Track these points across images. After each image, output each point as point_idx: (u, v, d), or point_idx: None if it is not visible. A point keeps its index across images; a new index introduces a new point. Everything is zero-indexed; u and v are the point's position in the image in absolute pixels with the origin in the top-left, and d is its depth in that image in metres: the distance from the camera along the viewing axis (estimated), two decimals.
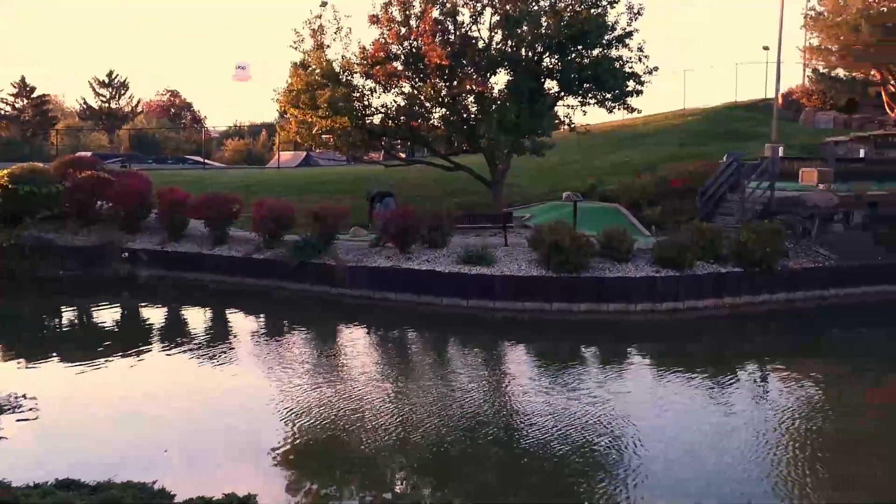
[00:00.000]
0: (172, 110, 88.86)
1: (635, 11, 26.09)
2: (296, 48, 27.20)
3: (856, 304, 22.28)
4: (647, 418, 12.32)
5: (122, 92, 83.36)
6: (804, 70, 46.98)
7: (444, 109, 26.58)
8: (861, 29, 38.09)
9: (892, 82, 42.09)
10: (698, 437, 11.56)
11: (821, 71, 44.38)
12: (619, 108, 27.06)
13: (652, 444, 11.20)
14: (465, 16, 25.82)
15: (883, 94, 42.33)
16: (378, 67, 25.80)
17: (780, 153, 31.76)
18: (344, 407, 12.53)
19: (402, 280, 20.97)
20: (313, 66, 26.53)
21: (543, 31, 25.66)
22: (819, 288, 22.43)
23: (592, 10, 25.72)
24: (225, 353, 16.11)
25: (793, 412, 12.92)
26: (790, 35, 75.86)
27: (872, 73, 42.48)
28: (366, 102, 26.77)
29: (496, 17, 25.76)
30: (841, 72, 44.07)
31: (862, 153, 33.85)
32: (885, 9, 39.08)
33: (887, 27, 37.89)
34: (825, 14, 42.11)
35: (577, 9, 25.73)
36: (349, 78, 26.48)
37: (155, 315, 20.65)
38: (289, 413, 12.29)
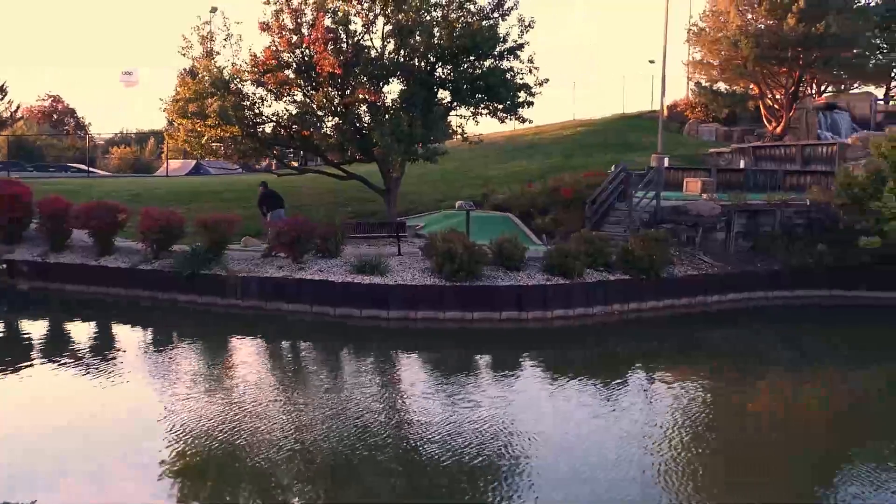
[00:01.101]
0: (55, 116, 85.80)
1: (526, 24, 26.49)
2: (184, 55, 26.66)
3: (737, 310, 23.12)
4: (537, 424, 12.47)
5: (0, 97, 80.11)
6: (688, 83, 48.60)
7: (336, 118, 26.45)
8: (740, 45, 39.67)
9: (770, 96, 43.91)
10: (585, 441, 11.79)
11: (703, 84, 45.98)
12: (510, 119, 27.48)
13: (542, 449, 11.37)
14: (357, 25, 25.75)
15: (761, 107, 44.13)
16: (269, 75, 25.50)
17: (666, 163, 32.83)
18: (236, 420, 12.31)
19: (294, 290, 20.74)
20: (202, 74, 26.04)
21: (436, 42, 25.81)
22: (702, 294, 23.20)
23: (484, 22, 26.01)
24: (111, 367, 15.61)
25: (676, 415, 13.31)
26: (675, 49, 78.83)
27: (751, 87, 44.25)
28: (257, 111, 26.39)
29: (389, 27, 25.79)
30: (722, 85, 45.78)
31: (742, 164, 35.20)
32: (763, 26, 40.80)
33: (764, 43, 39.54)
34: (707, 30, 43.73)
35: (469, 20, 25.98)
36: (239, 86, 26.09)
37: (36, 329, 19.84)
38: (178, 427, 11.99)
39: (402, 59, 25.88)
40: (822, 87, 48.34)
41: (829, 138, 39.12)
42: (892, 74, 50.61)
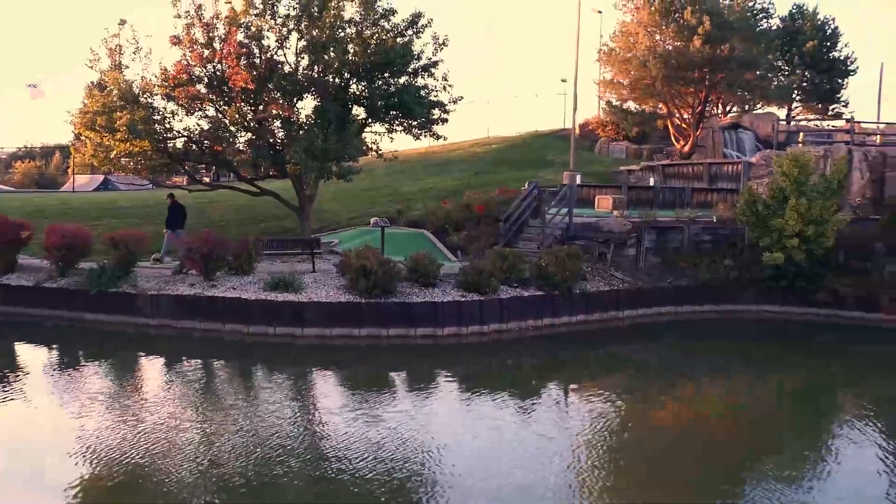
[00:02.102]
0: None
1: (440, 42, 26.67)
2: (92, 68, 26.03)
3: (648, 325, 23.60)
4: (448, 439, 12.52)
5: None
6: (599, 102, 49.57)
7: (249, 134, 26.14)
8: (649, 65, 40.63)
9: (678, 115, 45.05)
10: (497, 453, 11.86)
11: (614, 103, 46.92)
12: (425, 136, 27.59)
13: (454, 465, 11.39)
14: (270, 40, 25.55)
15: (670, 126, 45.22)
16: (180, 89, 25.04)
17: (578, 181, 33.33)
18: (145, 441, 12.00)
19: (206, 308, 20.35)
20: (111, 87, 25.46)
21: (350, 58, 25.79)
22: (614, 309, 23.61)
23: (399, 39, 26.09)
24: (13, 388, 15.07)
25: (587, 426, 13.50)
26: (587, 69, 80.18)
27: (660, 106, 45.34)
28: (167, 125, 25.90)
29: (303, 42, 25.65)
30: (632, 104, 46.76)
31: (652, 181, 35.97)
32: (671, 47, 41.87)
33: (672, 64, 40.59)
34: (617, 50, 44.64)
35: (384, 37, 26.03)
36: (149, 100, 25.58)
37: None
38: (83, 450, 11.63)
39: (316, 75, 25.77)
40: (728, 107, 49.81)
41: (734, 157, 40.33)
42: (793, 95, 52.51)
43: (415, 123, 26.99)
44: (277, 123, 25.76)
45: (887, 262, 24.96)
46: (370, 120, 27.12)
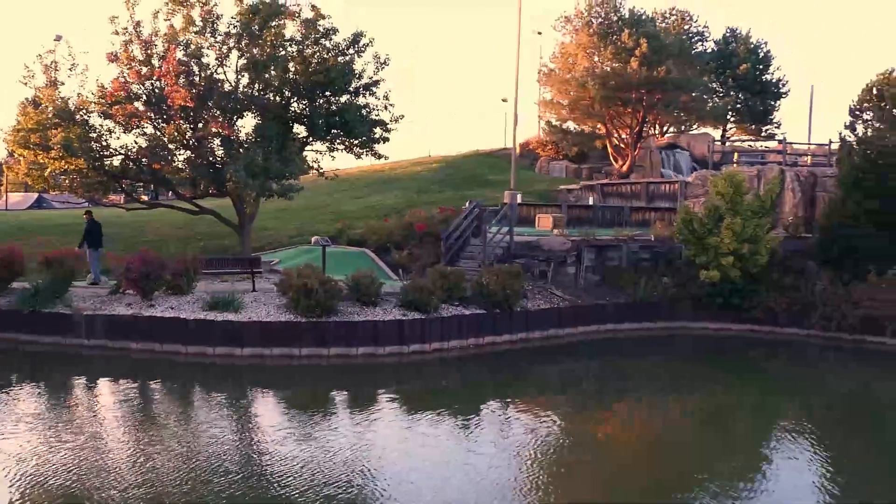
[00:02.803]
0: None
1: (382, 61, 26.78)
2: (26, 84, 25.57)
3: (588, 342, 23.84)
4: (389, 459, 12.49)
5: None
6: (539, 122, 50.06)
7: (189, 152, 25.90)
8: (588, 86, 41.22)
9: (616, 135, 45.73)
10: (434, 472, 11.86)
11: (554, 123, 47.45)
12: (366, 154, 27.62)
13: (394, 483, 11.37)
14: (210, 58, 25.42)
15: (608, 146, 45.87)
16: (117, 107, 24.73)
17: (519, 200, 33.64)
18: (73, 464, 11.73)
19: (144, 328, 20.01)
20: (45, 104, 25.03)
21: (291, 77, 25.76)
22: (554, 327, 23.81)
23: (340, 58, 26.14)
24: None
25: (530, 442, 13.58)
26: (528, 89, 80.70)
27: (599, 126, 45.97)
28: (104, 143, 25.54)
29: (243, 61, 25.55)
30: (572, 124, 47.35)
31: (591, 200, 36.44)
32: (609, 69, 42.55)
33: (610, 85, 41.24)
34: (557, 71, 45.21)
35: (325, 56, 26.07)
36: (86, 117, 25.21)
37: None
38: (19, 475, 11.34)
39: (256, 93, 25.68)
40: (665, 128, 50.72)
41: (671, 176, 41.06)
42: (728, 116, 53.68)
43: (356, 142, 27.04)
44: (217, 142, 25.58)
45: (818, 280, 25.57)
46: (311, 138, 27.08)
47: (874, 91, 30.77)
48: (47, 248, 24.26)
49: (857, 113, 31.21)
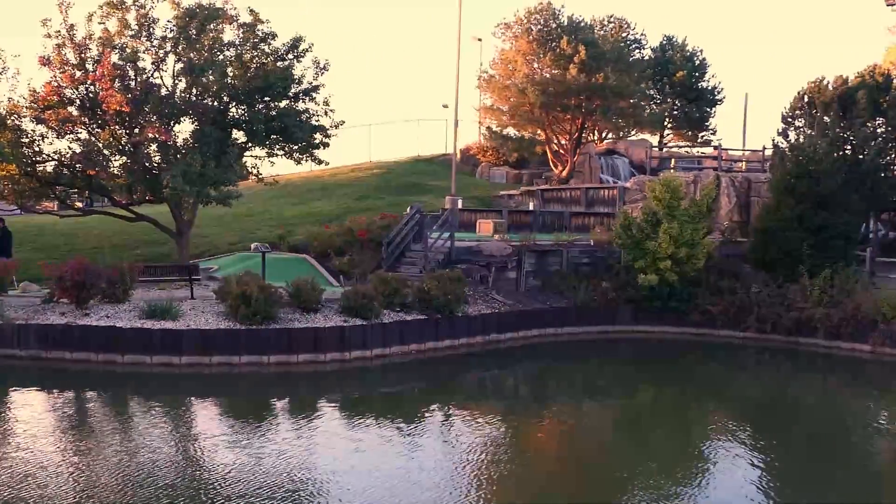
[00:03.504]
0: None
1: (321, 66, 26.65)
2: None
3: (529, 346, 24.00)
4: (329, 466, 12.41)
5: None
6: (479, 128, 50.17)
7: (124, 157, 25.44)
8: (527, 92, 41.47)
9: (556, 141, 46.10)
10: (378, 479, 11.83)
11: (494, 129, 47.62)
12: (306, 160, 27.46)
13: (336, 491, 11.30)
14: (146, 62, 25.04)
15: (548, 151, 46.21)
16: (50, 112, 24.21)
17: (460, 205, 33.72)
18: (14, 477, 11.44)
19: (78, 338, 19.55)
20: None
21: (230, 81, 25.50)
22: (495, 332, 23.91)
23: (279, 63, 25.96)
24: None
25: (469, 447, 13.62)
26: (468, 95, 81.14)
27: (539, 132, 46.29)
28: (37, 148, 24.99)
29: (180, 65, 25.22)
30: (512, 130, 47.58)
31: (531, 206, 36.67)
32: (548, 75, 42.90)
33: (550, 91, 41.57)
34: (497, 77, 45.42)
35: (264, 60, 25.86)
36: (17, 122, 24.63)
37: None
38: None
39: (194, 98, 25.36)
40: (604, 134, 51.20)
41: (610, 182, 41.46)
42: (665, 123, 54.43)
43: (296, 148, 26.84)
44: (154, 147, 25.17)
45: (753, 283, 26.06)
46: (250, 144, 26.81)
47: (805, 99, 31.46)
48: None
49: (789, 120, 31.89)
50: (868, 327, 23.31)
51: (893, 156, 30.57)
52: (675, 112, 54.62)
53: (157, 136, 24.16)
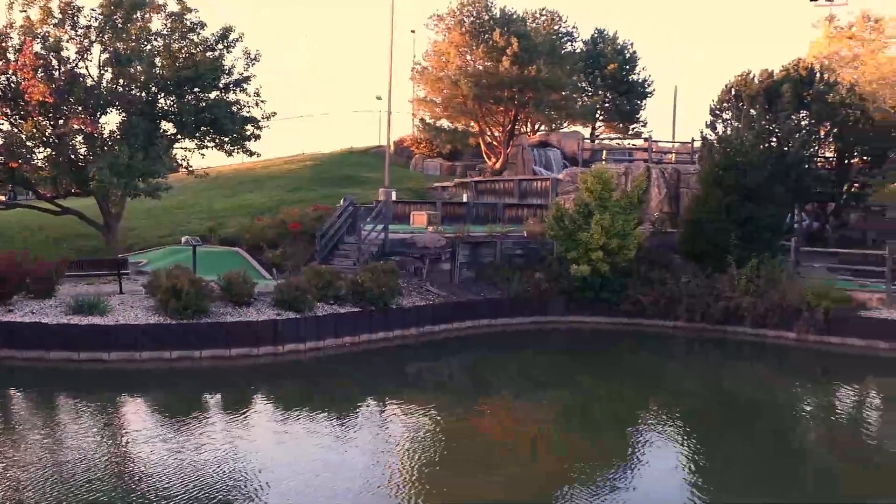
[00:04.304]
0: None
1: (252, 57, 26.36)
2: None
3: (463, 338, 24.10)
4: (264, 461, 12.31)
5: None
6: (413, 119, 50.14)
7: (49, 149, 24.82)
8: (460, 84, 41.55)
9: (489, 133, 46.28)
10: (319, 472, 11.77)
11: (427, 121, 47.63)
12: (237, 152, 27.15)
13: (277, 484, 11.21)
14: (71, 52, 24.47)
15: (482, 143, 46.38)
16: None
17: (394, 197, 33.67)
18: None
19: (2, 334, 18.99)
20: None
21: (158, 72, 25.04)
22: (430, 324, 23.94)
23: (208, 54, 25.59)
24: None
25: (405, 438, 13.62)
26: (402, 87, 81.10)
27: (472, 124, 46.41)
28: None
29: (106, 55, 24.69)
30: (445, 122, 47.61)
31: (465, 197, 36.76)
32: (481, 67, 43.02)
33: (483, 83, 41.70)
34: (430, 69, 45.41)
35: (193, 51, 25.46)
36: None
37: None
38: None
39: (120, 89, 24.85)
40: (536, 126, 51.59)
41: (543, 174, 41.75)
42: (597, 115, 55.07)
43: (227, 139, 26.52)
44: (79, 139, 24.64)
45: (683, 273, 26.51)
46: (180, 135, 26.40)
47: (732, 92, 32.09)
48: None
49: (717, 113, 32.50)
50: (793, 315, 23.89)
51: (817, 148, 31.35)
52: (607, 104, 55.30)
53: (82, 127, 23.63)
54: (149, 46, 25.16)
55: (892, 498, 11.97)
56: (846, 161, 31.39)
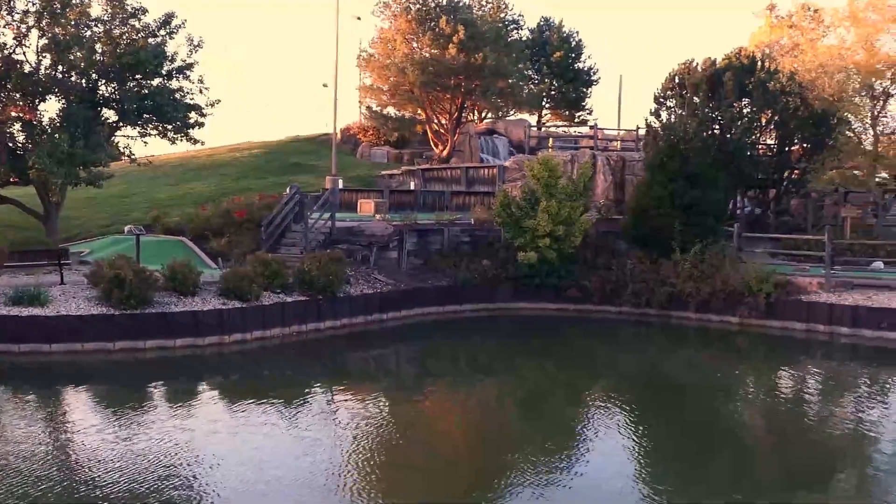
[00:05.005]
0: None
1: (195, 44, 26.00)
2: None
3: (411, 326, 24.13)
4: (218, 452, 12.23)
5: None
6: (360, 107, 49.84)
7: None
8: (407, 71, 41.39)
9: (436, 121, 46.21)
10: (260, 463, 11.72)
11: (374, 108, 47.36)
12: (181, 140, 26.78)
13: (225, 476, 11.15)
14: (7, 37, 23.91)
15: (429, 131, 46.30)
16: None
17: (340, 185, 33.47)
18: None
19: None
20: None
21: (98, 58, 24.58)
22: (378, 312, 23.92)
23: (150, 40, 25.18)
24: None
25: (349, 428, 13.60)
26: (349, 74, 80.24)
27: (419, 112, 46.28)
28: None
29: (45, 41, 24.16)
30: (392, 110, 47.39)
31: (412, 185, 36.73)
32: (428, 54, 42.89)
33: (429, 71, 41.59)
34: (376, 56, 45.14)
35: (134, 37, 25.03)
36: None
37: None
38: None
39: (60, 76, 24.35)
40: (483, 114, 51.61)
41: (490, 161, 41.85)
42: (543, 103, 55.28)
43: (170, 127, 26.14)
44: (18, 126, 24.12)
45: (628, 259, 26.81)
46: (122, 123, 25.96)
47: (676, 80, 32.42)
48: None
49: (661, 100, 32.81)
50: (736, 300, 24.31)
51: (758, 135, 31.85)
52: (553, 92, 55.49)
53: (20, 114, 23.17)
54: (89, 32, 24.67)
55: (825, 472, 12.26)
56: (787, 148, 31.94)
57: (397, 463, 12.31)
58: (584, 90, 56.49)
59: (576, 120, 55.98)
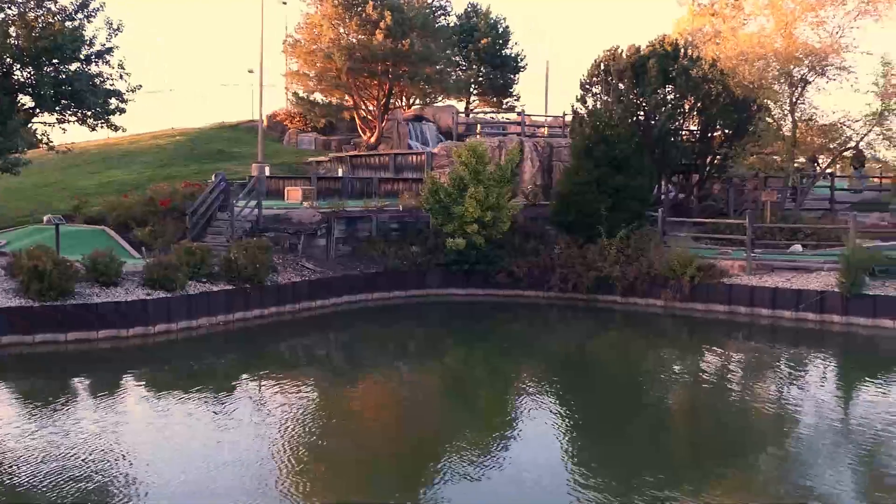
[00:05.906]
0: None
1: (114, 28, 25.31)
2: None
3: (340, 313, 24.05)
4: (143, 445, 12.00)
5: None
6: (286, 93, 49.24)
7: None
8: (334, 57, 41.01)
9: (364, 107, 45.93)
10: (185, 455, 11.56)
11: (301, 94, 46.84)
12: (101, 126, 26.08)
13: (150, 470, 10.94)
14: None
15: (356, 118, 45.99)
16: None
17: (267, 172, 33.08)
18: None
19: None
20: None
21: (12, 42, 23.77)
22: (306, 300, 23.76)
23: (67, 23, 24.43)
24: None
25: (279, 418, 13.48)
26: (275, 59, 79.23)
27: (346, 98, 45.93)
28: None
29: None
30: (319, 96, 46.94)
31: (340, 172, 36.47)
32: (355, 40, 42.56)
33: (356, 57, 41.29)
34: (302, 41, 44.62)
35: (51, 20, 24.26)
36: None
37: None
38: None
39: None
40: (411, 100, 51.47)
41: (418, 148, 41.80)
42: (471, 89, 55.39)
43: (89, 113, 25.42)
44: None
45: (556, 244, 27.07)
46: (38, 110, 25.17)
47: (601, 67, 32.72)
48: None
49: (587, 87, 33.11)
50: (660, 284, 24.75)
51: (682, 121, 32.36)
52: (481, 79, 55.64)
53: None
54: (2, 15, 23.84)
55: (747, 448, 12.56)
56: (709, 134, 32.53)
57: (325, 456, 12.20)
58: (512, 77, 56.75)
59: (503, 106, 56.20)
